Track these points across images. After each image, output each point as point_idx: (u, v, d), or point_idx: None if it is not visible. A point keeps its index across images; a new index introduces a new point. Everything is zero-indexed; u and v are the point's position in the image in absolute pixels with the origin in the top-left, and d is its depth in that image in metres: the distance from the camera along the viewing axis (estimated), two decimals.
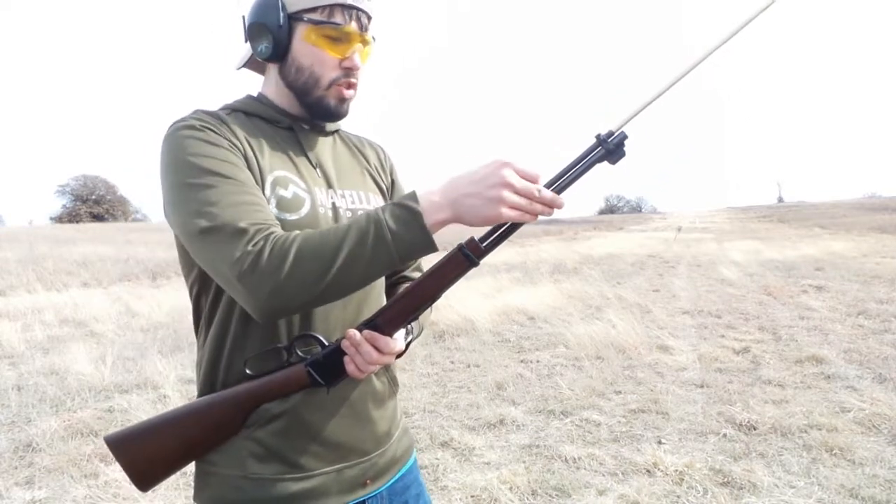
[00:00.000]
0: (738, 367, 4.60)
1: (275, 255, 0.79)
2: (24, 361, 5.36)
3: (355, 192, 1.04)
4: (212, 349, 0.95)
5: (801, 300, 7.43)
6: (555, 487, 2.77)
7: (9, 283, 10.83)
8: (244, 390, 0.91)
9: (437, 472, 2.96)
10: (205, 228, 0.82)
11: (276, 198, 0.92)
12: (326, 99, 0.98)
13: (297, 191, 0.95)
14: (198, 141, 0.88)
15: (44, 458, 3.22)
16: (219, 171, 0.86)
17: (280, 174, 0.94)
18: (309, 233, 0.82)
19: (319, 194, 0.98)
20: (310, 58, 0.97)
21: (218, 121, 0.93)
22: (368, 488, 1.00)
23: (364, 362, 0.89)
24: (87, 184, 55.61)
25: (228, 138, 0.91)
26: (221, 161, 0.87)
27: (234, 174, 0.87)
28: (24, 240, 20.21)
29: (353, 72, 0.98)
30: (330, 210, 0.98)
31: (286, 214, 0.91)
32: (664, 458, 2.96)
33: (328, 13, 0.95)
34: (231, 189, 0.85)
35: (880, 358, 4.67)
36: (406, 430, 1.13)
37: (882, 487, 2.66)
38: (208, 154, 0.87)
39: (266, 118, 1.00)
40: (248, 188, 0.87)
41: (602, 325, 5.74)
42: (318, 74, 0.97)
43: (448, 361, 5.09)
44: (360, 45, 0.99)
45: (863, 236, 18.98)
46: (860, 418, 3.44)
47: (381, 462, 1.02)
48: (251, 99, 1.02)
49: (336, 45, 0.96)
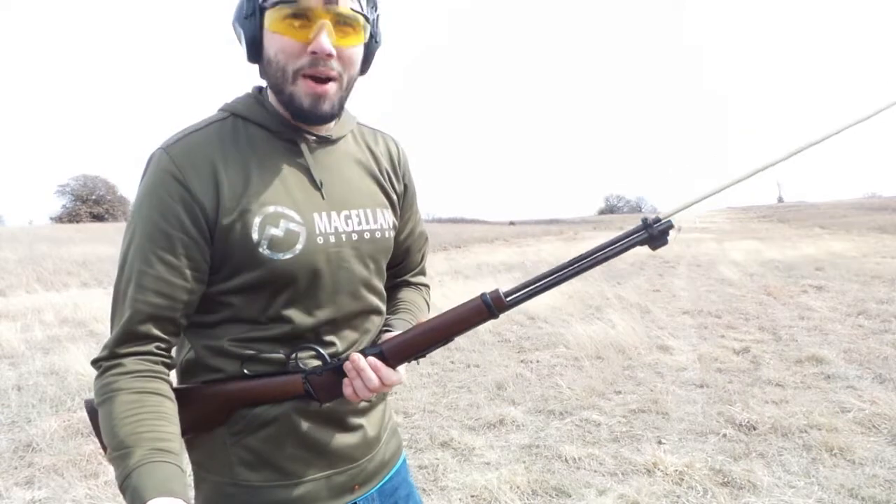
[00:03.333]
0: (738, 367, 4.60)
1: (97, 388, 0.84)
2: (24, 361, 5.37)
3: (363, 210, 0.97)
4: (204, 354, 0.93)
5: (801, 300, 7.43)
6: (555, 487, 2.77)
7: (8, 283, 10.83)
8: (237, 387, 0.90)
9: (437, 472, 2.96)
10: (119, 289, 0.88)
11: (266, 239, 0.87)
12: (297, 97, 0.87)
13: (289, 227, 0.89)
14: (160, 199, 0.86)
15: (44, 458, 3.22)
16: (162, 246, 0.86)
17: (270, 210, 0.88)
18: (116, 404, 0.81)
19: (319, 222, 0.92)
20: (274, 46, 0.86)
21: (192, 170, 0.86)
22: (357, 493, 1.00)
23: (363, 388, 0.88)
24: (87, 184, 55.56)
25: (192, 195, 0.86)
26: (169, 233, 0.86)
27: (173, 252, 0.86)
28: (24, 240, 20.19)
29: (321, 58, 0.85)
30: (332, 236, 0.93)
31: (278, 255, 0.88)
32: (664, 458, 2.96)
33: None
34: (159, 273, 0.86)
35: (880, 358, 4.67)
36: (395, 432, 1.12)
37: (882, 487, 2.66)
38: (164, 217, 0.86)
39: (266, 127, 0.92)
40: (176, 273, 0.86)
41: (602, 325, 5.74)
42: (282, 64, 0.86)
43: (448, 361, 5.08)
44: (328, 23, 0.84)
45: (863, 236, 18.97)
46: (860, 418, 3.44)
47: (369, 467, 1.01)
48: (253, 100, 0.94)
49: (298, 29, 0.84)
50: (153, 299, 0.85)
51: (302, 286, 0.91)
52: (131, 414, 0.80)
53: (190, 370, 0.95)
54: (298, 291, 0.91)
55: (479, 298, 0.87)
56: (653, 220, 0.85)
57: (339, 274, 0.94)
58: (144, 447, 0.77)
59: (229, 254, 0.88)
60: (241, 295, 0.90)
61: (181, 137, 0.89)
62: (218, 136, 0.90)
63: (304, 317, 0.92)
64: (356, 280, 0.96)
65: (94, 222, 44.11)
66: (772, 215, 51.71)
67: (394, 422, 1.13)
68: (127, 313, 0.85)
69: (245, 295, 0.90)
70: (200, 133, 0.90)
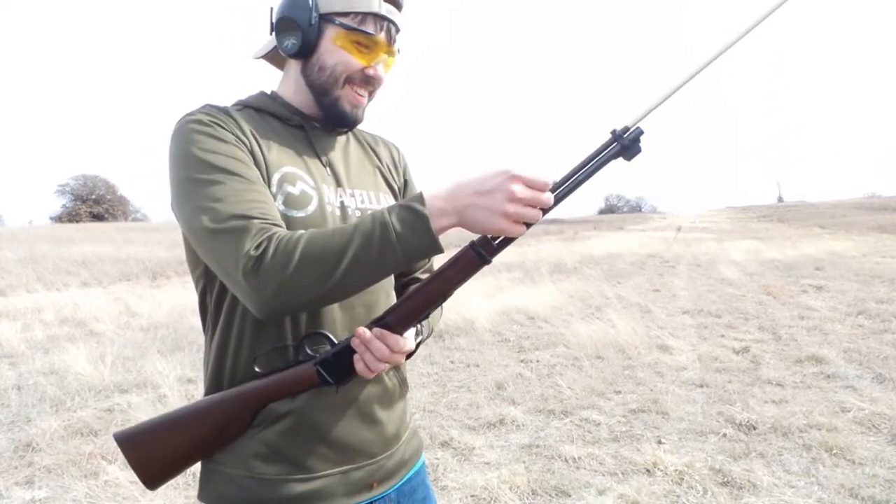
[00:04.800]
0: (738, 367, 4.60)
1: (279, 254, 0.79)
2: (24, 361, 5.36)
3: (366, 191, 1.04)
4: (218, 347, 0.94)
5: (801, 300, 7.44)
6: (555, 487, 2.77)
7: (9, 282, 10.83)
8: (253, 388, 0.91)
9: (437, 471, 2.96)
10: (210, 226, 0.82)
11: (283, 194, 0.91)
12: (341, 102, 0.99)
13: (304, 188, 0.94)
14: (205, 136, 0.87)
15: (44, 457, 3.22)
16: (225, 168, 0.85)
17: (288, 170, 0.94)
18: (314, 233, 0.82)
19: (328, 192, 0.97)
20: (335, 58, 0.97)
21: (226, 115, 0.93)
22: (375, 491, 0.99)
23: (374, 360, 0.88)
24: (87, 183, 55.61)
25: (236, 133, 0.91)
26: (228, 157, 0.87)
27: (240, 171, 0.86)
28: (24, 239, 20.21)
29: (374, 81, 1.00)
30: (338, 209, 0.97)
31: (293, 211, 0.91)
32: (664, 458, 2.96)
33: (360, 20, 0.96)
34: (237, 187, 0.85)
35: (880, 358, 4.68)
36: (416, 433, 1.12)
37: (882, 487, 2.66)
38: (215, 150, 0.87)
39: (277, 115, 1.00)
40: (255, 185, 0.87)
41: (602, 324, 5.74)
42: (338, 73, 0.97)
43: (448, 361, 5.08)
44: (386, 56, 1.00)
45: (863, 236, 18.98)
46: (860, 418, 3.44)
47: (388, 464, 1.01)
48: (264, 96, 1.02)
49: (363, 52, 0.97)
50: (260, 207, 0.84)
51: None
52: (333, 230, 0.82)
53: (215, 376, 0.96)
54: None
55: (469, 248, 0.86)
56: (622, 131, 0.85)
57: None
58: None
59: None
60: None
61: (201, 107, 0.94)
62: (237, 112, 0.96)
63: None
64: None
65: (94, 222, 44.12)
66: (772, 215, 51.73)
67: (415, 422, 1.13)
68: (240, 223, 0.81)
69: None
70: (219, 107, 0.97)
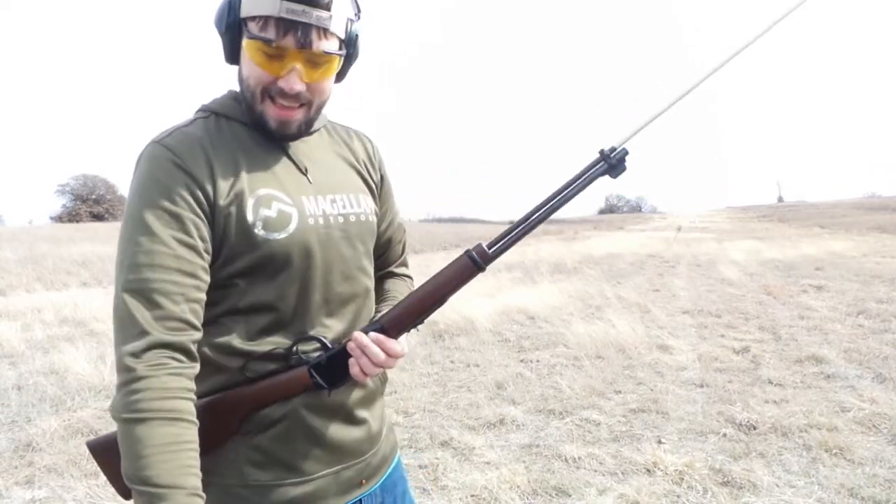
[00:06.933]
0: (738, 367, 4.60)
1: (132, 403, 0.78)
2: (24, 361, 5.36)
3: (345, 195, 1.01)
4: (210, 351, 0.93)
5: (801, 300, 7.44)
6: (555, 487, 2.77)
7: (9, 282, 10.83)
8: (245, 393, 0.90)
9: (437, 471, 2.96)
10: (124, 285, 0.82)
11: (261, 220, 0.89)
12: (265, 117, 0.91)
13: (281, 207, 0.91)
14: (158, 189, 0.85)
15: (44, 457, 3.22)
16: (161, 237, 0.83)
17: (263, 193, 0.90)
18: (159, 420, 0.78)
19: (308, 204, 0.94)
20: (247, 70, 0.90)
21: (190, 153, 0.88)
22: (364, 488, 1.01)
23: (370, 365, 0.88)
24: (87, 183, 55.57)
25: (193, 185, 0.87)
26: (170, 220, 0.84)
27: (176, 238, 0.84)
28: (24, 239, 20.20)
29: (288, 94, 0.89)
30: (321, 218, 0.95)
31: (273, 234, 0.89)
32: (664, 458, 2.96)
33: (262, 25, 0.86)
34: (167, 263, 0.83)
35: (880, 358, 4.67)
36: (391, 428, 1.14)
37: (882, 487, 2.66)
38: (161, 206, 0.85)
39: (245, 123, 0.95)
40: (181, 262, 0.84)
41: (602, 324, 5.73)
42: (252, 87, 0.90)
43: (448, 361, 5.08)
44: (299, 66, 0.87)
45: (863, 236, 18.99)
46: (860, 418, 3.44)
47: (374, 461, 1.03)
48: (231, 99, 0.97)
49: (272, 62, 0.87)
50: (179, 278, 0.83)
51: (297, 267, 0.92)
52: (165, 443, 0.78)
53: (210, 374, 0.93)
54: (293, 273, 0.92)
55: (464, 255, 0.89)
56: (609, 150, 0.90)
57: (330, 254, 0.95)
58: (181, 493, 0.77)
59: (227, 237, 0.89)
60: (240, 279, 0.90)
61: (171, 132, 0.92)
62: (205, 130, 0.93)
63: (300, 299, 0.93)
64: (347, 261, 0.98)
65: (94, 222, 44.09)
66: (772, 215, 51.73)
67: (389, 418, 1.15)
68: (156, 298, 0.81)
69: (243, 279, 0.90)
70: (189, 127, 0.93)
